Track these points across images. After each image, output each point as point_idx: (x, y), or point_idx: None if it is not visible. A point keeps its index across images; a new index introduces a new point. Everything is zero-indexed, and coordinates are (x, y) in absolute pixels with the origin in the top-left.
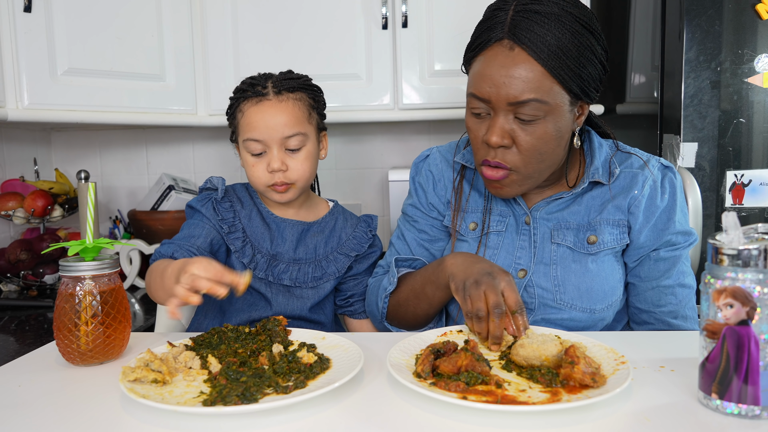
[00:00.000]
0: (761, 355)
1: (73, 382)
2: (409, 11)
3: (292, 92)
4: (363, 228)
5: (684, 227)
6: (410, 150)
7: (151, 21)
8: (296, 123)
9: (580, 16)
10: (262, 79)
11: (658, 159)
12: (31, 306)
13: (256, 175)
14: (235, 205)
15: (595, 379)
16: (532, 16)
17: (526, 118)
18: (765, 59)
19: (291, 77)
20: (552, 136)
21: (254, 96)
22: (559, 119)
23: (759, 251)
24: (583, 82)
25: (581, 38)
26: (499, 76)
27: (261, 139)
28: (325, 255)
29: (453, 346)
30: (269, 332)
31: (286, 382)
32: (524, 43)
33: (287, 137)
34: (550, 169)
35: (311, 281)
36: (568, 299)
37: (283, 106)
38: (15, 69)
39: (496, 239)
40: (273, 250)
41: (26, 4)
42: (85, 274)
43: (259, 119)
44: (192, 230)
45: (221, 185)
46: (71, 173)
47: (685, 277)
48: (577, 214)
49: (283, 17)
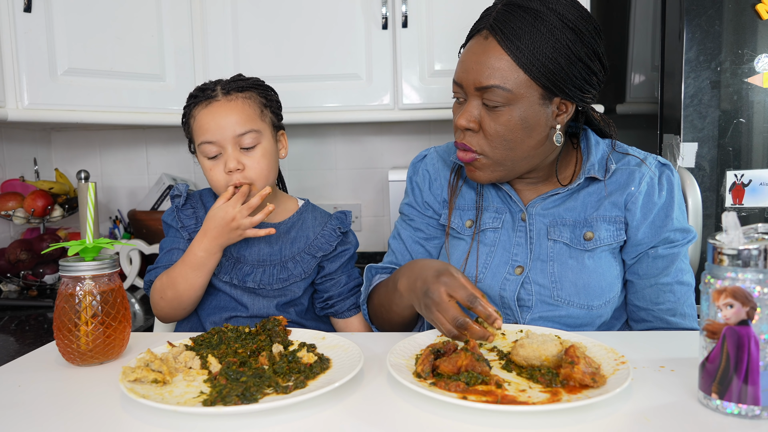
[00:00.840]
0: (761, 355)
1: (73, 382)
2: (409, 11)
3: (241, 92)
4: (332, 226)
5: (682, 224)
6: (410, 150)
7: (151, 21)
8: (247, 120)
9: (566, 15)
10: (212, 84)
11: (656, 157)
12: (31, 306)
13: (215, 178)
14: (198, 211)
15: (595, 379)
16: (515, 10)
17: (489, 104)
18: (765, 59)
19: (240, 79)
20: (517, 125)
21: (204, 99)
22: (525, 110)
23: (759, 251)
24: (556, 79)
25: (560, 36)
26: (470, 62)
27: (214, 140)
28: (291, 256)
29: (453, 346)
30: (269, 332)
31: (286, 382)
32: (498, 34)
33: (239, 135)
34: (526, 160)
35: (276, 283)
36: (565, 296)
37: (232, 105)
38: (15, 69)
39: (493, 236)
40: (237, 253)
41: (26, 4)
42: (85, 274)
43: (209, 120)
44: (171, 254)
45: (184, 191)
46: (71, 173)
47: (683, 274)
48: (573, 211)
49: (283, 17)
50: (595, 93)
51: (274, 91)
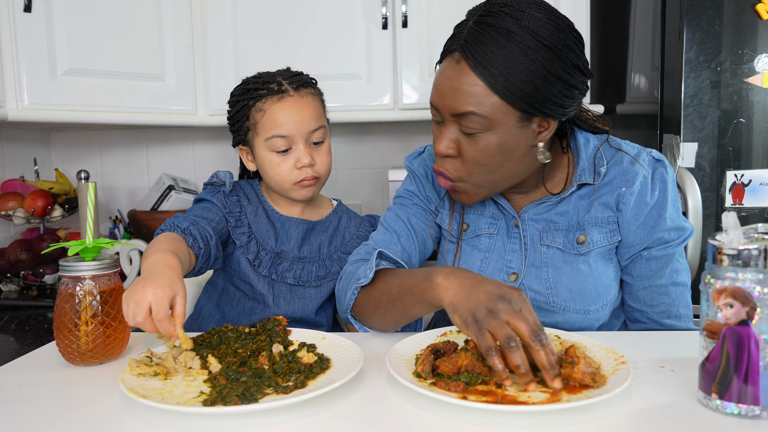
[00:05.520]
0: (761, 355)
1: (73, 382)
2: (409, 11)
3: (306, 87)
4: (366, 228)
5: (676, 223)
6: (410, 150)
7: (151, 21)
8: (319, 116)
9: (539, 32)
10: (270, 77)
11: (649, 152)
12: (31, 306)
13: (283, 173)
14: (242, 200)
15: (595, 379)
16: (486, 30)
17: (466, 131)
18: (765, 59)
19: (297, 74)
20: (495, 151)
21: (272, 93)
22: (503, 134)
23: (759, 251)
24: (534, 101)
25: (534, 56)
26: (444, 87)
27: (288, 134)
28: (328, 254)
29: (453, 346)
30: (269, 332)
31: (286, 382)
32: (469, 59)
33: (312, 131)
34: (507, 179)
35: (315, 280)
36: (560, 301)
37: (305, 101)
38: (15, 69)
39: (488, 242)
40: (277, 248)
41: (26, 4)
42: (85, 274)
43: (285, 115)
44: (206, 213)
45: (229, 179)
46: (71, 173)
47: (678, 275)
48: (565, 215)
49: (283, 17)
50: (578, 103)
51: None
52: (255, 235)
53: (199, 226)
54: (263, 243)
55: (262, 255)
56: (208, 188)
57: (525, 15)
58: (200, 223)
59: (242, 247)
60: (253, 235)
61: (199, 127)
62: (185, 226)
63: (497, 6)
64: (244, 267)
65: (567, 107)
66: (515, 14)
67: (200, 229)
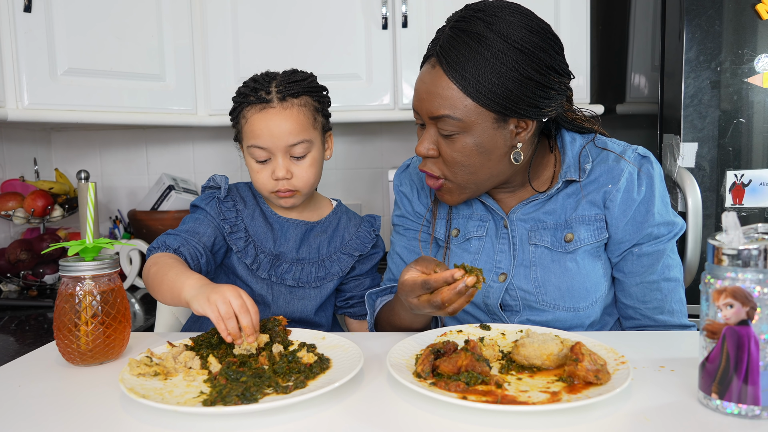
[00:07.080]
0: (761, 355)
1: (73, 382)
2: (409, 11)
3: (296, 98)
4: (366, 228)
5: (665, 218)
6: (410, 150)
7: (151, 21)
8: (301, 130)
9: (511, 35)
10: (265, 81)
11: (635, 149)
12: (31, 306)
13: (260, 181)
14: (237, 205)
15: (598, 377)
16: (459, 35)
17: (444, 133)
18: (765, 59)
19: (295, 80)
20: (472, 152)
21: (257, 102)
22: (479, 136)
23: (759, 251)
24: (508, 102)
25: (505, 59)
26: (422, 91)
27: (265, 147)
28: (328, 255)
29: (453, 346)
30: (269, 332)
31: (286, 382)
32: (444, 63)
33: (292, 145)
34: (490, 180)
35: (314, 281)
36: (550, 300)
37: (287, 114)
38: (15, 69)
39: (477, 244)
40: (276, 250)
41: (26, 4)
42: (85, 274)
43: (263, 127)
44: (197, 226)
45: (224, 184)
46: (71, 173)
47: (670, 270)
48: (553, 213)
49: (283, 17)
50: (558, 103)
51: (326, 90)
52: (252, 238)
53: (189, 245)
54: (261, 246)
55: (260, 258)
56: (204, 193)
57: (498, 19)
58: (191, 242)
59: (239, 252)
60: (251, 239)
61: (199, 127)
62: (176, 246)
63: (472, 11)
64: (242, 271)
65: (543, 108)
66: (488, 19)
67: (190, 248)
